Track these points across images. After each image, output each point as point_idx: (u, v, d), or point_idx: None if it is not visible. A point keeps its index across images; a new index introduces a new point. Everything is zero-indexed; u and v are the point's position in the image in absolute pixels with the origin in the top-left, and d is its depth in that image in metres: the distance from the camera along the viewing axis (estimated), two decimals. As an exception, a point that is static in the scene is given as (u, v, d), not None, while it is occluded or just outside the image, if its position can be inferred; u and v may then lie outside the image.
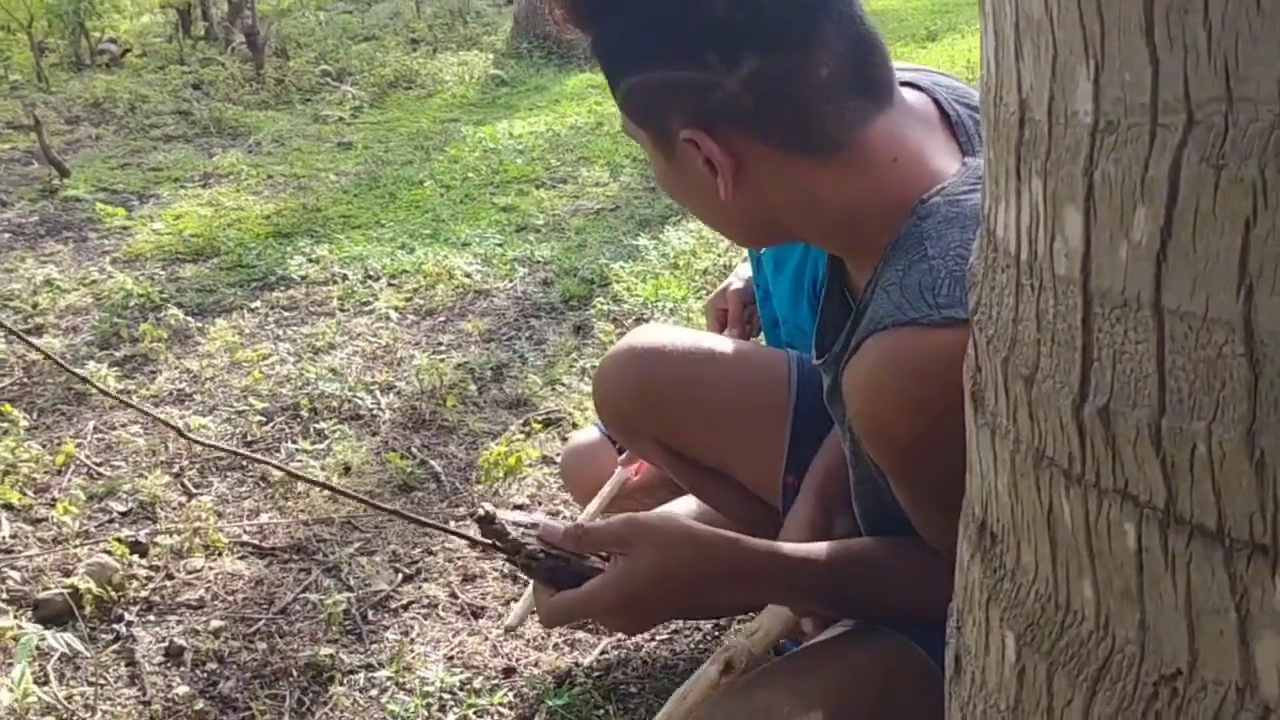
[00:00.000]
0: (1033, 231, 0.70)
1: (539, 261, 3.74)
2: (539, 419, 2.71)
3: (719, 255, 3.64)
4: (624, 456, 1.80)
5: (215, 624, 2.00)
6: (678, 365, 1.54)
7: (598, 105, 5.82)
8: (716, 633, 1.93)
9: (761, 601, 1.31)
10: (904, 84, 1.16)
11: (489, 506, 1.19)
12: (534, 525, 1.20)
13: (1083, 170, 0.65)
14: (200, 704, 1.80)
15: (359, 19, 8.36)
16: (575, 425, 2.65)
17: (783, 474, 1.47)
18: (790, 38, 1.03)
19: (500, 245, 3.89)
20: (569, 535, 1.18)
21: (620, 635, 1.92)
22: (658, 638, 1.93)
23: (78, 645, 1.85)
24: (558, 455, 2.54)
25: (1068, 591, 0.72)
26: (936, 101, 1.16)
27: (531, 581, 1.66)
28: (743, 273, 1.87)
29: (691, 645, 1.91)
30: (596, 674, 1.85)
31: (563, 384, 2.87)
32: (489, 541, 1.18)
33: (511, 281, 3.59)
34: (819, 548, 1.24)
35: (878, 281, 1.07)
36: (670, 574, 1.16)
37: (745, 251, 2.13)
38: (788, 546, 1.24)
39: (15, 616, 1.99)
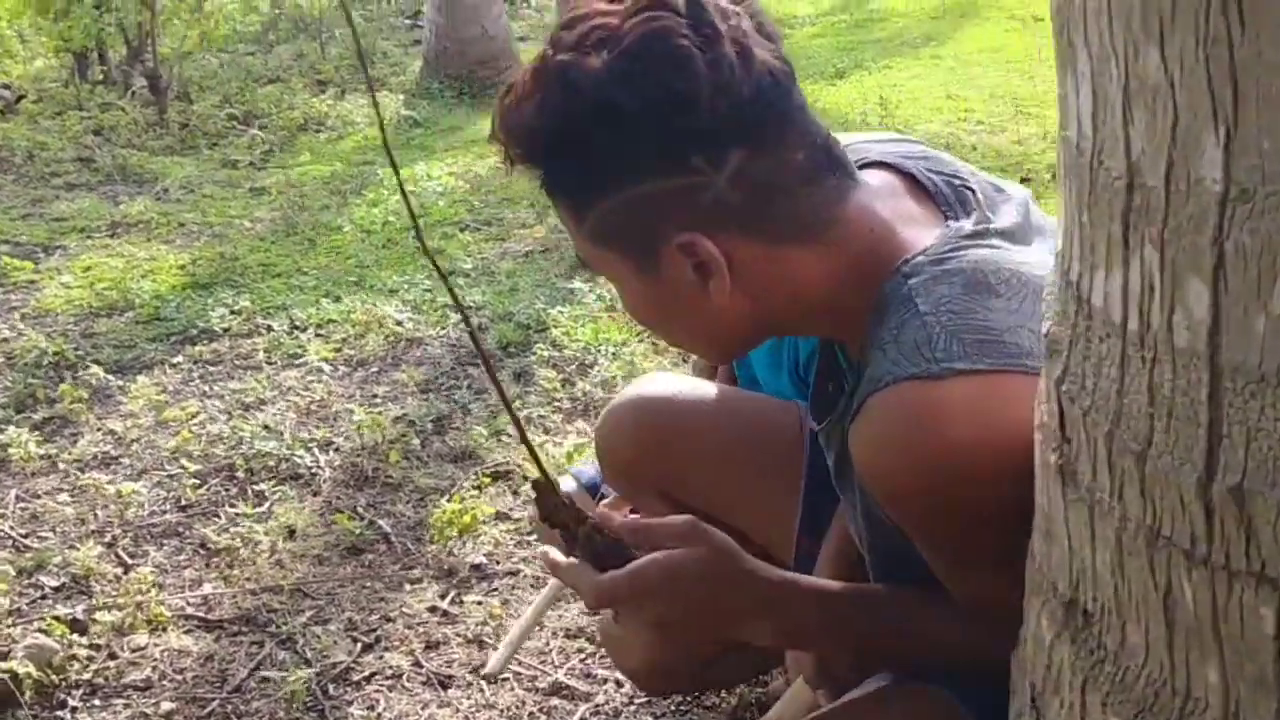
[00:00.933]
0: (1144, 302, 0.67)
1: (471, 307, 3.66)
2: (488, 472, 2.64)
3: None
4: (606, 501, 1.74)
5: (165, 706, 1.89)
6: (687, 414, 1.50)
7: (515, 146, 5.75)
8: (697, 694, 1.87)
9: (792, 638, 1.25)
10: (872, 162, 1.18)
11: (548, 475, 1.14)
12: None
13: (1210, 240, 0.62)
14: (157, 795, 1.70)
15: (263, 61, 8.20)
16: (526, 478, 2.58)
17: (796, 534, 1.43)
18: (768, 127, 1.04)
19: (429, 291, 3.80)
20: (625, 525, 1.13)
21: (599, 701, 1.85)
22: (636, 703, 1.87)
23: (20, 736, 1.74)
24: (512, 510, 2.47)
25: (1187, 676, 0.68)
26: (911, 175, 1.17)
27: (510, 631, 1.61)
28: None
29: (672, 707, 1.85)
30: (577, 743, 1.79)
31: (509, 435, 2.79)
32: (554, 511, 1.12)
33: (444, 329, 3.50)
34: (856, 585, 1.21)
35: (871, 342, 1.07)
36: (718, 576, 1.11)
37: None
38: (830, 583, 1.22)
39: (-53, 707, 1.86)
